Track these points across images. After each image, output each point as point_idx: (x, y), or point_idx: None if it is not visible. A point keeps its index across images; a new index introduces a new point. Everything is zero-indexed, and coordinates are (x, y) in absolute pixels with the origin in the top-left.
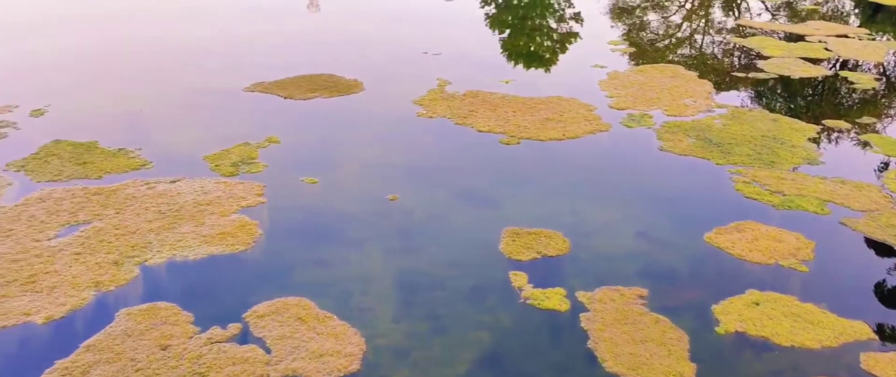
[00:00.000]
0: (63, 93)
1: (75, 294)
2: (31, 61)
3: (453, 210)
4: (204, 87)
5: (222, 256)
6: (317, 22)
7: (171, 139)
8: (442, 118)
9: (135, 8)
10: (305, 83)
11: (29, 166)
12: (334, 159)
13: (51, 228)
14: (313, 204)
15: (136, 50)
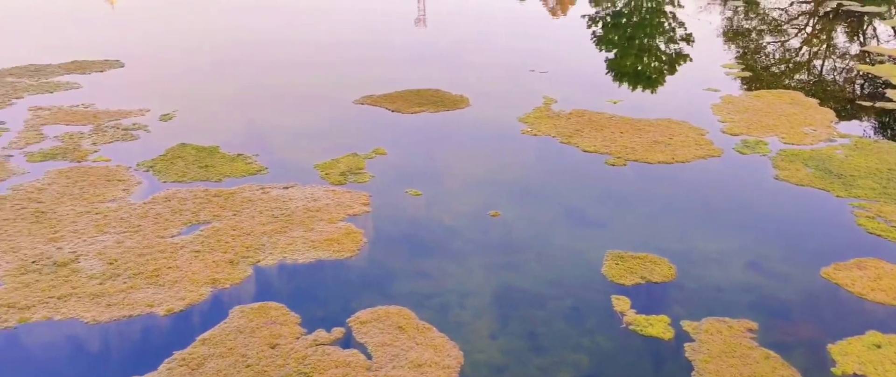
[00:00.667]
0: (189, 100)
1: (194, 289)
2: (164, 71)
3: (555, 229)
4: (316, 97)
5: (329, 261)
6: (424, 37)
7: (285, 147)
8: (547, 136)
9: (252, 26)
10: (413, 97)
11: (157, 167)
12: (438, 173)
13: (174, 226)
14: (416, 216)
15: (254, 63)
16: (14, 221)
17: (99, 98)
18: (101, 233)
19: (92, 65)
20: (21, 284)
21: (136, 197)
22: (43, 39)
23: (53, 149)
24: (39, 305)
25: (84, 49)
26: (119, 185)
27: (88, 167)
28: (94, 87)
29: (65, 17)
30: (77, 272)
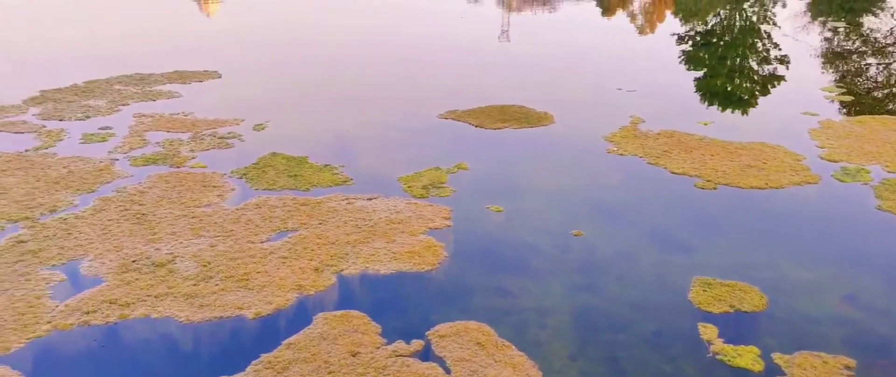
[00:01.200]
0: (281, 111)
1: (281, 294)
2: (258, 82)
3: (640, 251)
4: (401, 111)
5: (409, 274)
6: (508, 53)
7: (370, 159)
8: (633, 156)
9: (342, 40)
10: (496, 113)
11: (249, 174)
12: (520, 189)
13: (264, 232)
14: (497, 232)
15: (342, 75)
16: (118, 222)
17: (197, 107)
18: (197, 236)
19: (192, 75)
20: (122, 282)
21: (230, 203)
22: (148, 50)
23: (155, 154)
24: (138, 303)
25: (185, 60)
26: (214, 191)
27: (186, 173)
28: (193, 97)
29: (168, 29)
30: (173, 273)
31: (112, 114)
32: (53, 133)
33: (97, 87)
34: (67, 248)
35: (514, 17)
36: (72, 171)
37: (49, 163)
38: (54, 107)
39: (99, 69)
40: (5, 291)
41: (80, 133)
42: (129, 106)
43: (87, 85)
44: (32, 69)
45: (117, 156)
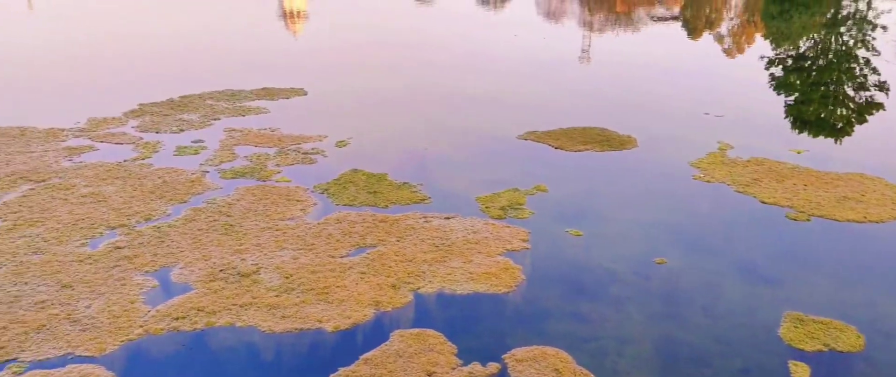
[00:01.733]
0: (363, 128)
1: (359, 310)
2: (342, 100)
3: (727, 282)
4: (480, 131)
5: (486, 295)
6: (589, 74)
7: (448, 178)
8: (721, 184)
9: (420, 61)
10: (577, 135)
11: (331, 190)
12: (601, 214)
13: (344, 247)
14: (576, 256)
15: (421, 93)
16: (207, 232)
17: (284, 123)
18: (280, 248)
19: (279, 92)
20: (209, 290)
21: (312, 217)
22: (238, 67)
23: (243, 167)
24: (224, 311)
25: (273, 77)
26: (297, 205)
27: (272, 186)
28: (280, 113)
29: (257, 47)
30: (257, 283)
31: (204, 127)
32: (150, 145)
33: (191, 102)
34: (160, 256)
35: (595, 37)
36: (166, 181)
37: (145, 173)
38: (151, 120)
39: (193, 85)
40: (102, 295)
41: (174, 145)
42: (221, 120)
43: (182, 99)
44: (132, 83)
45: (208, 168)
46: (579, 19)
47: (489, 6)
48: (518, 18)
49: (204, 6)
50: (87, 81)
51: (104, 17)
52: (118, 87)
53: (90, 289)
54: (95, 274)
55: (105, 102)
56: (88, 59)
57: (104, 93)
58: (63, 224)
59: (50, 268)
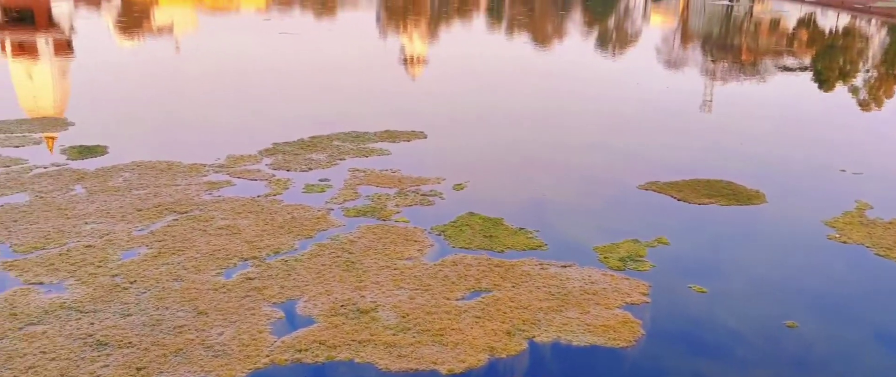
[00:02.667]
0: (481, 171)
1: (473, 354)
2: (461, 143)
3: (865, 352)
4: (599, 178)
5: (603, 348)
6: (713, 123)
7: (566, 225)
8: (859, 245)
9: (539, 106)
10: (701, 187)
11: (447, 232)
12: (726, 271)
13: (459, 290)
14: (699, 313)
15: (540, 138)
16: (330, 268)
17: (404, 165)
18: (398, 287)
19: (400, 134)
20: (330, 325)
21: (428, 258)
22: (363, 111)
23: (364, 206)
24: (343, 346)
25: (395, 120)
26: (415, 246)
27: (391, 226)
28: (400, 155)
29: (381, 90)
30: (376, 321)
31: (330, 167)
32: (281, 182)
33: (319, 143)
34: (287, 288)
35: (718, 86)
36: (294, 217)
37: (276, 209)
38: (283, 158)
39: (322, 126)
40: (234, 323)
41: (302, 183)
42: (346, 161)
43: (312, 140)
44: (268, 123)
45: (333, 206)
46: (702, 67)
47: (608, 53)
48: (639, 66)
49: (331, 51)
50: (228, 121)
51: (243, 60)
52: (255, 126)
53: (223, 317)
54: (228, 302)
55: (243, 141)
56: (229, 100)
57: (242, 132)
58: (201, 253)
59: (188, 295)
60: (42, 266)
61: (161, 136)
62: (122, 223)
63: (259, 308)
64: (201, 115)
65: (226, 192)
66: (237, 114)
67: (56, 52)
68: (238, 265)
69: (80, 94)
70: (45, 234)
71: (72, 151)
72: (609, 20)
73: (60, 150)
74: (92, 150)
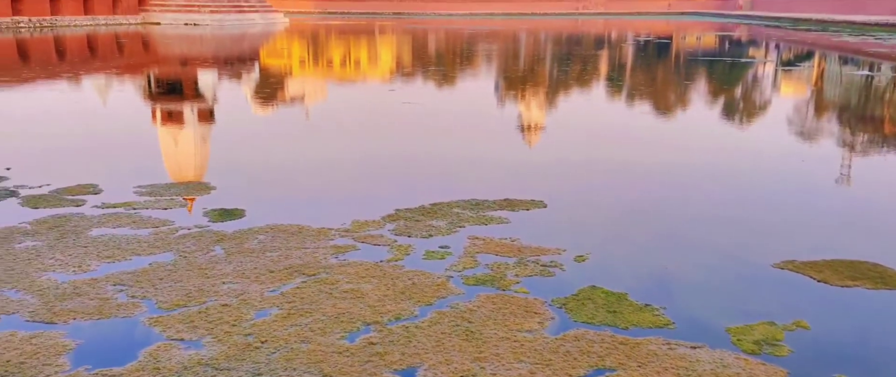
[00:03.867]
0: (603, 243)
1: None
2: (582, 213)
3: None
4: (731, 255)
5: None
6: (852, 198)
7: (695, 303)
8: None
9: (663, 175)
10: (844, 268)
11: (568, 305)
12: (877, 361)
13: (581, 367)
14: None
15: (666, 210)
16: (449, 336)
17: (523, 234)
18: (518, 360)
19: (520, 203)
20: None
21: (549, 331)
22: (483, 178)
23: (484, 275)
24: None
25: (514, 188)
26: (535, 318)
27: (510, 296)
28: (520, 224)
29: (499, 158)
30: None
31: (450, 234)
32: (403, 248)
33: (439, 210)
34: (407, 355)
35: (857, 158)
36: (415, 283)
37: (397, 274)
38: (404, 224)
39: (442, 193)
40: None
41: (423, 250)
42: (465, 228)
43: (432, 207)
44: (391, 190)
45: (452, 273)
46: (839, 139)
47: (737, 124)
48: (768, 135)
49: (451, 119)
50: (353, 186)
51: (367, 128)
52: (378, 192)
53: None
54: (351, 366)
55: (367, 206)
56: (355, 166)
57: (366, 197)
58: (327, 316)
59: (314, 357)
60: (183, 323)
61: (292, 199)
62: (256, 284)
63: (380, 373)
64: (329, 179)
65: (350, 256)
66: (362, 179)
67: (199, 120)
68: (361, 329)
69: (219, 159)
70: (187, 293)
71: (213, 214)
72: (736, 89)
73: (203, 212)
74: (230, 213)
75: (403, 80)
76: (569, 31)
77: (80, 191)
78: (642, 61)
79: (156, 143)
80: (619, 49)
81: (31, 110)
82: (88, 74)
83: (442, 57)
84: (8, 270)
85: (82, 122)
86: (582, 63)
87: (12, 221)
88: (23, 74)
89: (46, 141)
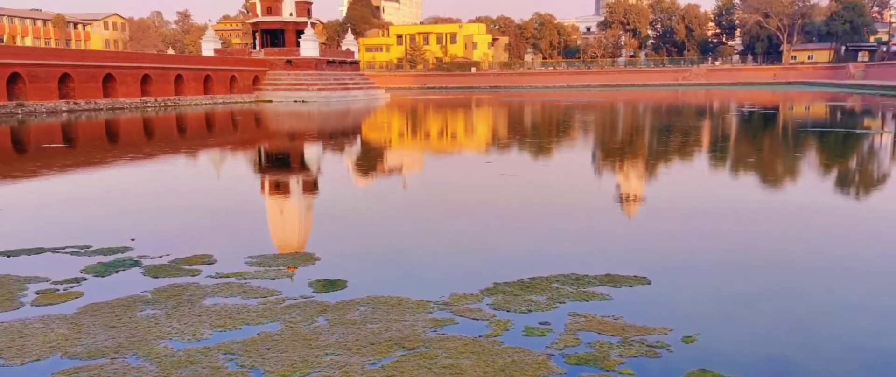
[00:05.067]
0: (712, 323)
1: None
2: (689, 291)
3: None
4: (854, 343)
5: None
6: None
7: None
8: None
9: (781, 257)
10: None
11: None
12: None
13: None
14: None
15: (783, 294)
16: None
17: (627, 311)
18: None
19: (622, 279)
20: None
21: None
22: (582, 252)
23: (586, 354)
24: None
25: (616, 263)
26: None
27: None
28: (623, 301)
29: (598, 231)
30: None
31: (550, 310)
32: (501, 323)
33: (539, 284)
34: None
35: None
36: (515, 360)
37: (497, 350)
38: (503, 298)
39: (541, 267)
40: None
41: (522, 325)
42: (565, 304)
43: (531, 281)
44: (489, 263)
45: (553, 351)
46: None
47: (852, 196)
48: (893, 212)
49: (548, 191)
50: (451, 258)
51: (465, 199)
52: (476, 265)
53: None
54: None
55: (465, 279)
56: (453, 238)
57: (465, 270)
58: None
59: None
60: None
61: (392, 271)
62: (358, 356)
63: None
64: (427, 251)
65: (449, 330)
66: (460, 252)
67: (303, 191)
68: None
69: (322, 229)
70: (292, 363)
71: (317, 284)
72: (851, 160)
73: (308, 282)
74: (333, 284)
75: (500, 151)
76: (669, 101)
77: (197, 261)
78: (748, 132)
79: (265, 214)
80: (723, 119)
81: (154, 183)
82: (205, 149)
83: (539, 128)
84: (130, 337)
85: (199, 193)
86: (683, 133)
87: (136, 290)
88: (146, 149)
89: (167, 212)
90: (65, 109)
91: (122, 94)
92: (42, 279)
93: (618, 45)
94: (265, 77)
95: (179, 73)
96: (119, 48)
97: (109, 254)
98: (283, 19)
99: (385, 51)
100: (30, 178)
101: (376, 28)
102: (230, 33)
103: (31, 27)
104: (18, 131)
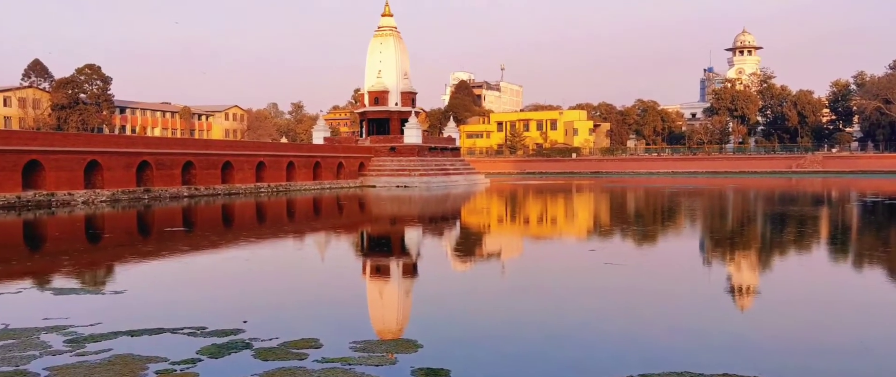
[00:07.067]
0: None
1: None
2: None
3: None
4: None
5: None
6: None
7: None
8: None
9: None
10: None
11: None
12: None
13: None
14: None
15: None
16: None
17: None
18: None
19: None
20: None
21: None
22: (694, 347)
23: None
24: None
25: (731, 359)
26: None
27: None
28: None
29: (711, 325)
30: None
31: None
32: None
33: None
34: None
35: None
36: None
37: None
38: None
39: (650, 363)
40: None
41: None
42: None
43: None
44: (594, 355)
45: None
46: None
47: None
48: None
49: (655, 281)
50: (557, 349)
51: (567, 288)
52: (582, 358)
53: None
54: None
55: (573, 372)
56: (556, 327)
57: (570, 361)
58: None
59: None
60: None
61: (494, 359)
62: None
63: None
64: (527, 339)
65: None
66: (564, 342)
67: (403, 275)
68: None
69: (422, 314)
70: None
71: (420, 373)
72: None
73: (411, 370)
74: (437, 373)
75: (603, 238)
76: (781, 188)
77: (304, 344)
78: (871, 222)
79: (367, 297)
80: (841, 209)
81: (265, 265)
82: (311, 232)
83: (643, 215)
84: None
85: (305, 275)
86: (798, 223)
87: (246, 372)
88: (258, 232)
89: (276, 294)
90: (186, 195)
91: (239, 180)
92: (161, 359)
93: (725, 131)
94: (370, 163)
95: (291, 160)
96: (237, 137)
97: (223, 337)
98: (389, 109)
99: (485, 137)
100: (152, 259)
101: (477, 115)
102: (339, 122)
103: (161, 119)
104: (144, 215)
